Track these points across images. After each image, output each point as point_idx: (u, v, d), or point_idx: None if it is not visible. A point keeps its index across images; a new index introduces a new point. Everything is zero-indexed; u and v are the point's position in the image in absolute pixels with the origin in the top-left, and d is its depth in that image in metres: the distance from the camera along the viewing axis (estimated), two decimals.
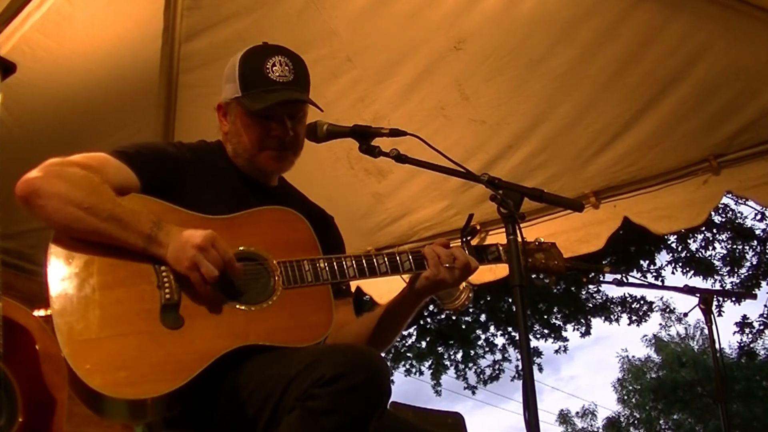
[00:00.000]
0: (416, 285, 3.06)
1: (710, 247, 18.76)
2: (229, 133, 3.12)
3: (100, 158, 2.82)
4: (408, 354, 20.80)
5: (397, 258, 3.04)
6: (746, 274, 18.91)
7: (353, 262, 2.97)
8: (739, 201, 16.95)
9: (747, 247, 18.96)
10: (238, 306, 2.72)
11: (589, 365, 70.95)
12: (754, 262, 19.03)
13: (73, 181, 2.68)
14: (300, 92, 3.08)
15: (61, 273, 2.60)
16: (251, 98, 3.02)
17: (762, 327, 20.66)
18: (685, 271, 18.54)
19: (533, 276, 3.37)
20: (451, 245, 3.08)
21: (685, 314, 5.09)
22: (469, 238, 3.19)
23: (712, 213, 6.86)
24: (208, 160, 3.09)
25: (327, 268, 2.91)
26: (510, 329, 20.44)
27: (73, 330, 2.51)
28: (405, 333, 18.86)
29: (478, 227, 6.22)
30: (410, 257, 3.05)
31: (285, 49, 3.11)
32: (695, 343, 34.62)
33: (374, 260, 3.01)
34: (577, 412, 37.62)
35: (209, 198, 2.94)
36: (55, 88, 5.52)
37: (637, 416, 34.81)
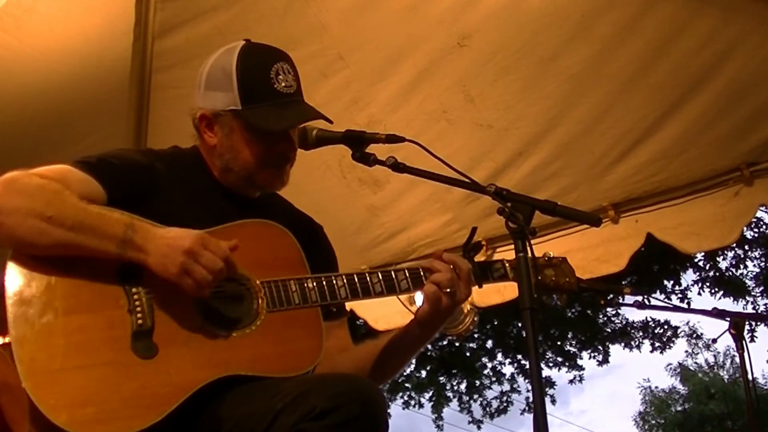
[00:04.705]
0: (419, 318, 3.04)
1: (741, 266, 18.72)
2: (220, 147, 3.10)
3: (62, 170, 2.81)
4: (406, 384, 20.77)
5: (393, 277, 3.03)
6: None
7: (345, 281, 2.96)
8: None
9: None
10: (217, 332, 2.72)
11: (602, 397, 70.77)
12: None
13: (31, 191, 2.67)
14: (306, 104, 3.13)
15: (21, 297, 2.58)
16: (259, 115, 3.02)
17: None
18: (713, 292, 18.51)
19: (543, 295, 3.36)
20: (444, 256, 3.08)
21: (714, 340, 5.12)
22: (472, 254, 3.18)
23: (744, 228, 6.85)
24: (182, 169, 3.09)
25: (316, 289, 2.90)
26: (519, 357, 20.40)
27: (35, 361, 2.50)
28: None
29: (483, 243, 6.23)
30: (407, 275, 3.04)
31: (281, 53, 3.14)
32: (725, 372, 34.64)
33: (368, 279, 3.00)
34: None
35: (183, 211, 2.94)
36: (14, 90, 5.52)
37: None
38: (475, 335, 19.73)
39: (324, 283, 2.92)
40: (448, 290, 2.96)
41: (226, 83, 3.05)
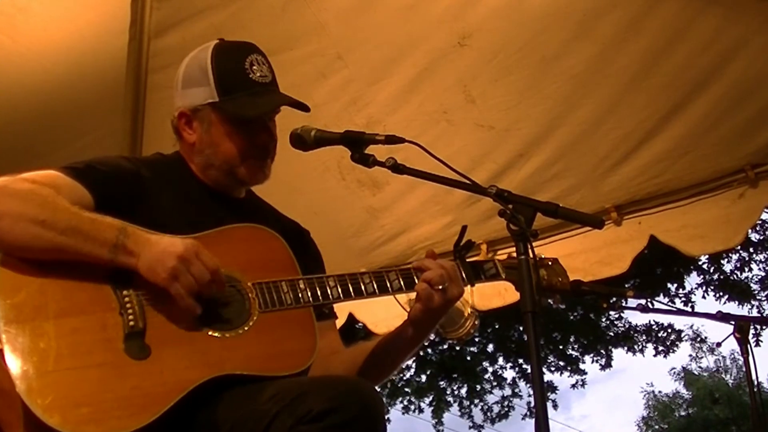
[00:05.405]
0: (412, 318, 3.06)
1: (746, 269, 18.71)
2: (200, 143, 3.13)
3: (50, 175, 2.82)
4: (406, 389, 20.79)
5: (385, 277, 3.05)
6: None
7: (337, 282, 2.98)
8: None
9: None
10: (210, 332, 2.72)
11: (605, 402, 70.76)
12: None
13: (23, 195, 2.68)
14: (281, 93, 3.15)
15: (12, 300, 2.59)
16: (236, 103, 3.05)
17: None
18: (718, 295, 18.52)
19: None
20: (437, 257, 3.10)
21: (718, 344, 5.10)
22: (463, 253, 3.19)
23: (749, 230, 6.86)
24: (167, 174, 3.11)
25: (308, 290, 2.92)
26: (521, 361, 20.43)
27: (28, 363, 2.50)
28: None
29: (483, 244, 6.22)
30: (399, 276, 3.07)
31: (254, 46, 3.19)
32: (729, 376, 34.64)
33: (360, 280, 3.02)
34: None
35: (174, 216, 2.95)
36: (8, 90, 5.52)
37: None
38: (476, 339, 19.77)
39: (316, 283, 2.94)
40: (440, 287, 2.98)
41: (202, 78, 3.10)
